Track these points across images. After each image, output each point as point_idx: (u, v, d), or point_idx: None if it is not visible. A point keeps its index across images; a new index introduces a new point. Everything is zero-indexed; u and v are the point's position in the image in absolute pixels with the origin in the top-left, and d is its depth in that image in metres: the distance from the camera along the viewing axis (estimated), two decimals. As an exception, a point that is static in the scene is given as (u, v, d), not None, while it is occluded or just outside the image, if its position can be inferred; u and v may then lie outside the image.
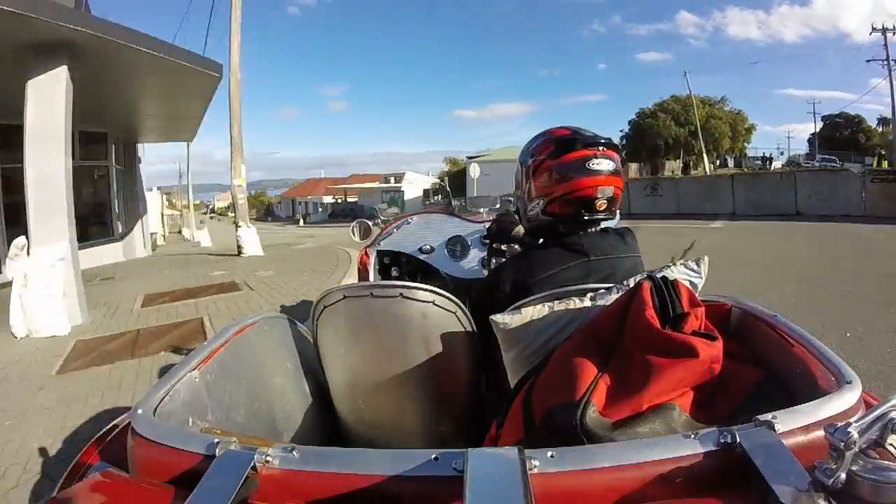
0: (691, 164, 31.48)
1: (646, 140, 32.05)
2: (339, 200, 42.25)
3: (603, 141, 1.04)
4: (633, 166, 28.89)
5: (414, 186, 35.60)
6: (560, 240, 1.07)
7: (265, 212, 63.25)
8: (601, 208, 1.03)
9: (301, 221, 38.90)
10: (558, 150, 1.04)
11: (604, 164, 1.01)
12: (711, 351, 0.67)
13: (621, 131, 34.46)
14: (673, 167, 31.11)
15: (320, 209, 44.75)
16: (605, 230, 1.09)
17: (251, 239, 9.34)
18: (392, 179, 40.36)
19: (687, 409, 0.66)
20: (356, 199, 38.78)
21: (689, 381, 0.67)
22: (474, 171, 17.91)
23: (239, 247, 9.23)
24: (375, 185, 40.54)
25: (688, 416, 0.65)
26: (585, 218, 1.04)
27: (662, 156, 31.96)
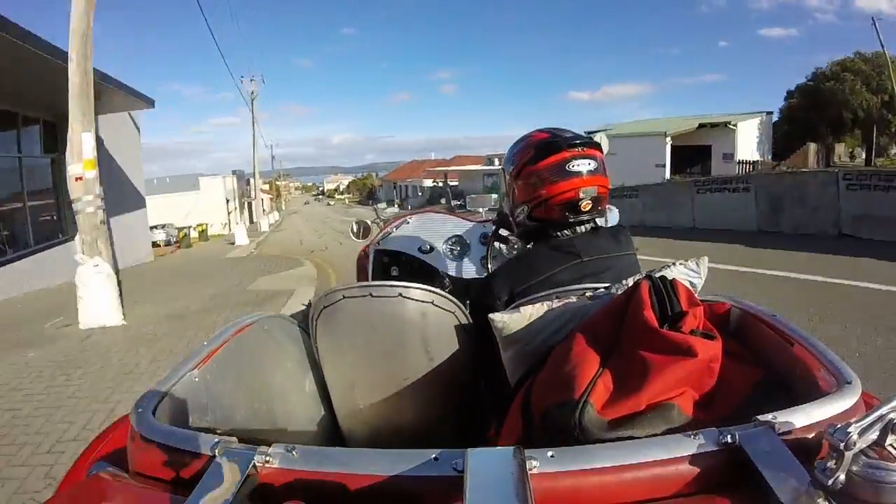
0: (884, 146, 21.35)
1: (824, 111, 21.49)
2: (439, 183, 37.93)
3: (581, 141, 1.04)
4: (812, 147, 20.64)
5: (521, 169, 31.81)
6: (552, 241, 1.07)
7: (368, 195, 62.03)
8: (586, 209, 1.03)
9: (397, 207, 35.46)
10: (538, 154, 1.04)
11: (584, 165, 1.01)
12: (710, 350, 0.67)
13: (787, 99, 24.17)
14: (839, 152, 22.02)
15: (420, 192, 40.86)
16: (597, 229, 1.09)
17: (100, 289, 4.71)
18: (496, 161, 34.57)
19: (686, 408, 0.66)
20: (456, 183, 34.53)
21: (688, 381, 0.67)
22: (604, 143, 13.53)
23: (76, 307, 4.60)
24: (477, 167, 36.32)
25: (687, 415, 0.65)
26: (571, 220, 1.05)
27: (849, 131, 22.12)
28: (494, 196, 2.41)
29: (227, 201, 26.58)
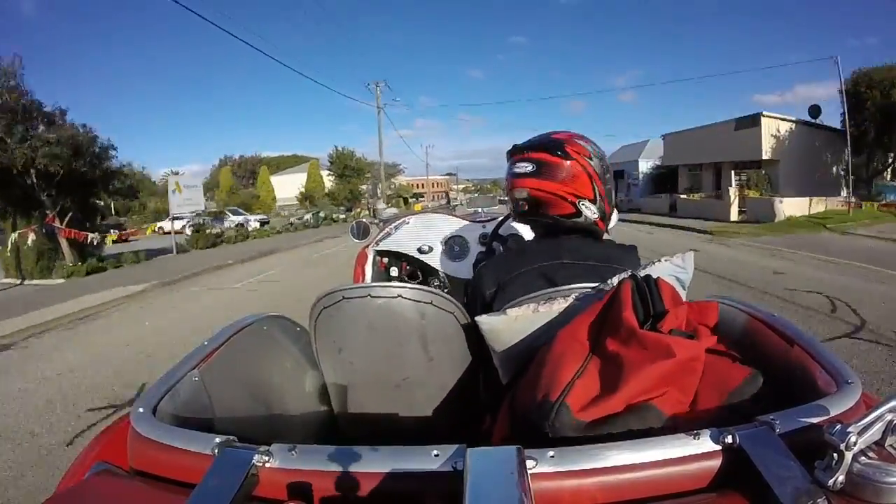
0: None
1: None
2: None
3: (529, 145, 1.08)
4: None
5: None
6: (543, 240, 1.10)
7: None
8: (522, 209, 1.08)
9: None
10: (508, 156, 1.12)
11: (520, 167, 1.06)
12: (691, 350, 0.66)
13: None
14: None
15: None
16: (596, 238, 1.10)
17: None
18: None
19: (666, 409, 0.65)
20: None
21: (669, 381, 0.66)
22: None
23: None
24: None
25: (666, 416, 0.65)
26: (530, 219, 1.10)
27: None
28: (489, 196, 2.42)
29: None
